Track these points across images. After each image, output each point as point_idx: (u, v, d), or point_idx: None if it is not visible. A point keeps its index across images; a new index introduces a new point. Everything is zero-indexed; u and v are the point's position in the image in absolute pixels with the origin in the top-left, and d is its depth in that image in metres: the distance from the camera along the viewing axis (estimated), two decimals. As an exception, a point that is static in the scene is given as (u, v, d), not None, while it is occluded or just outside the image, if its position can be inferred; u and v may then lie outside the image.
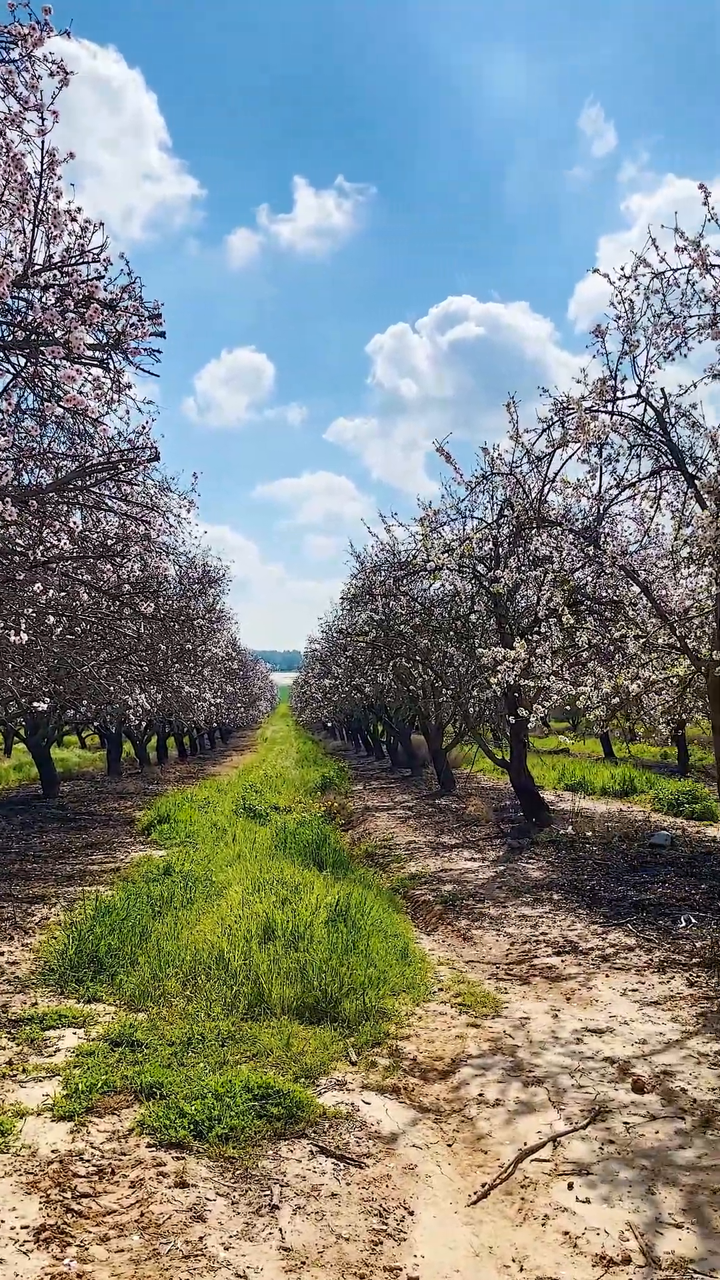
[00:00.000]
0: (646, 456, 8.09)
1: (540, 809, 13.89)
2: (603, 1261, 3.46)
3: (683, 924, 7.89)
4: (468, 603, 13.63)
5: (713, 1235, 3.58)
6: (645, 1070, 5.07)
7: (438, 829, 14.14)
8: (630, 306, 7.49)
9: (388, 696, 21.09)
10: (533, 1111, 4.67)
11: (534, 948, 7.52)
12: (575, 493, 8.23)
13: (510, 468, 8.98)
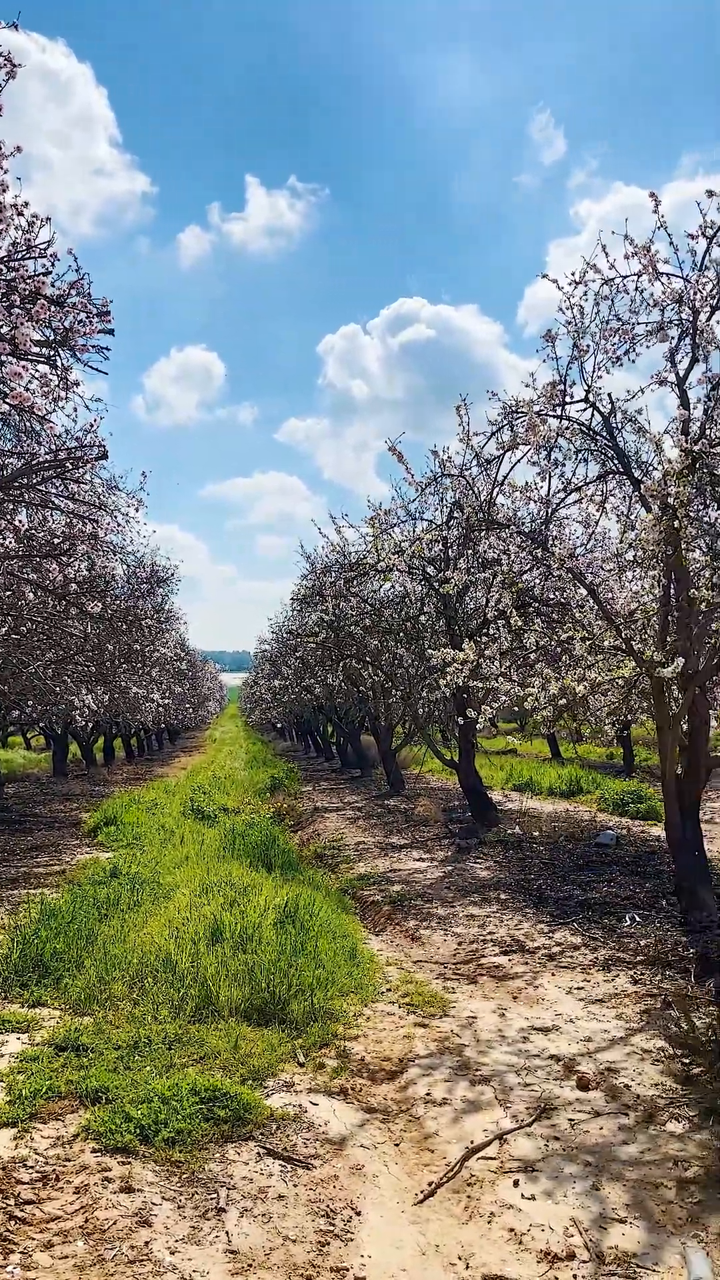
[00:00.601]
0: (594, 461, 8.18)
1: (488, 809, 13.99)
2: (548, 1257, 3.50)
3: (627, 923, 7.99)
4: (417, 604, 13.69)
5: (656, 1229, 3.63)
6: (590, 1067, 5.13)
7: (387, 829, 14.17)
8: (579, 312, 7.58)
9: (338, 697, 21.09)
10: (479, 1110, 4.70)
11: (482, 947, 7.57)
12: (524, 496, 8.30)
13: (460, 470, 9.04)
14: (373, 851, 12.32)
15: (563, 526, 10.67)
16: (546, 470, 7.94)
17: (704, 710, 8.23)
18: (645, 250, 6.95)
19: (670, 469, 7.19)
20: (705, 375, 7.10)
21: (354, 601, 14.62)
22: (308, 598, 16.64)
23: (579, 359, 7.69)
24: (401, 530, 11.30)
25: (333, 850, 12.62)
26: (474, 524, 9.00)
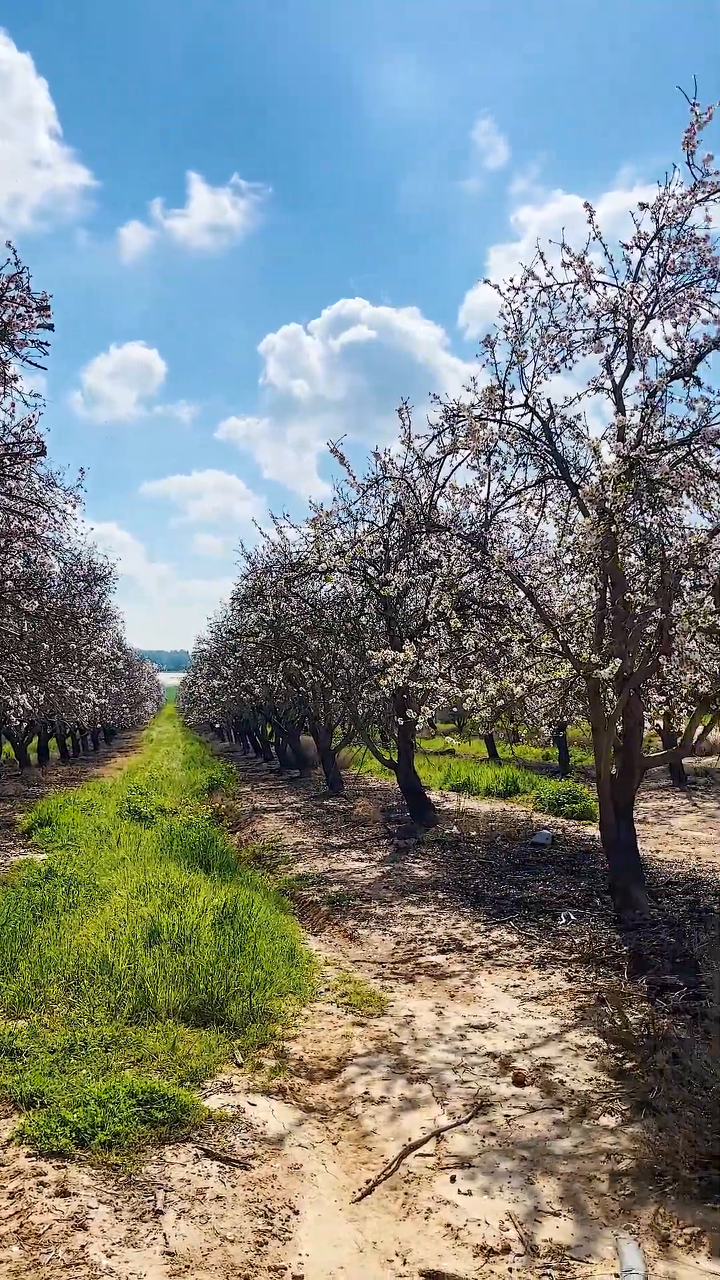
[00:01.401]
0: (533, 465, 8.29)
1: (426, 809, 14.08)
2: (483, 1252, 3.55)
3: (562, 921, 8.11)
4: (358, 605, 13.72)
5: (588, 1222, 3.70)
6: (526, 1064, 5.20)
7: (326, 830, 14.18)
8: (518, 318, 7.66)
9: (277, 698, 21.05)
10: (417, 1108, 4.74)
11: (419, 946, 7.63)
12: (464, 499, 8.37)
13: (401, 472, 9.09)
14: (311, 852, 12.33)
15: (502, 530, 10.80)
16: (486, 474, 8.02)
17: (638, 712, 8.39)
18: (580, 260, 7.06)
19: (607, 474, 7.31)
20: (641, 383, 7.22)
21: (295, 602, 14.61)
22: (248, 597, 16.58)
23: (518, 364, 7.78)
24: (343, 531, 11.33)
25: (271, 851, 12.60)
26: (415, 526, 9.06)
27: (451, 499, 9.09)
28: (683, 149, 6.54)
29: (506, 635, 9.10)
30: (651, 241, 7.05)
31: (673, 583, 7.25)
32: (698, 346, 6.91)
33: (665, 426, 7.44)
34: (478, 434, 7.66)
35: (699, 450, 7.15)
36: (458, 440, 7.95)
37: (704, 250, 6.94)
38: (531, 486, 8.36)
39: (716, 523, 7.39)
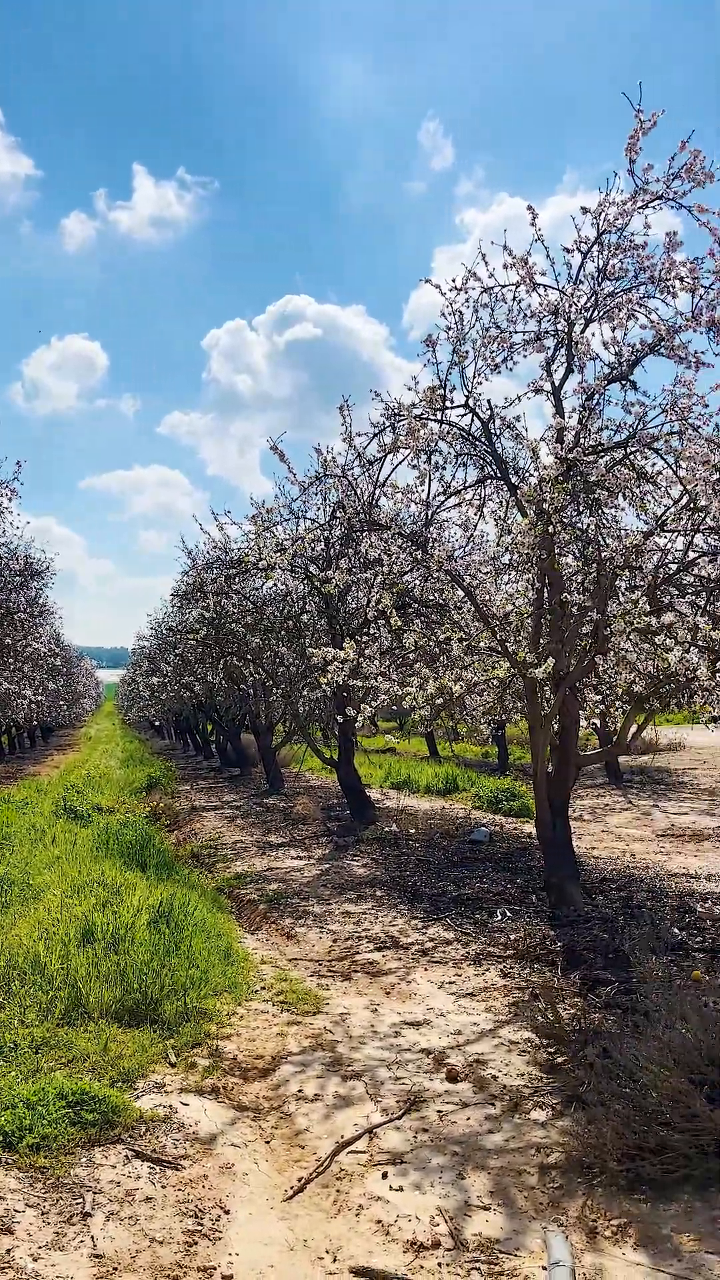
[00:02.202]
0: (473, 465, 8.34)
1: (366, 807, 14.11)
2: (413, 1247, 3.56)
3: (498, 917, 8.18)
4: (300, 602, 13.69)
5: (517, 1215, 3.74)
6: (459, 1060, 5.23)
7: (265, 828, 14.13)
8: (460, 318, 7.69)
9: (218, 695, 20.92)
10: (351, 1105, 4.75)
11: (356, 944, 7.64)
12: (404, 498, 8.39)
13: (342, 470, 9.09)
14: (250, 850, 12.28)
15: (443, 529, 10.85)
16: (426, 473, 8.04)
17: (574, 710, 8.49)
18: (523, 262, 7.12)
19: (545, 475, 7.39)
20: (580, 385, 7.31)
21: (236, 599, 14.53)
22: (188, 594, 16.45)
23: (459, 365, 7.82)
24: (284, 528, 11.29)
25: (209, 849, 12.52)
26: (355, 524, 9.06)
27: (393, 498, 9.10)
28: (625, 155, 6.64)
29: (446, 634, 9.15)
30: (592, 246, 7.14)
31: (608, 583, 7.34)
32: (634, 351, 7.02)
33: (603, 429, 7.54)
34: (418, 433, 7.68)
35: (635, 453, 7.26)
36: (398, 439, 7.97)
37: (642, 257, 7.04)
38: (471, 486, 8.41)
39: (651, 525, 7.51)
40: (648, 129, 6.31)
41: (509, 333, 7.64)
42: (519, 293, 7.42)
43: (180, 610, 18.23)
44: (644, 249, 7.01)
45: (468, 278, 7.55)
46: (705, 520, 7.33)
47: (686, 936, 7.33)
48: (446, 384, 7.85)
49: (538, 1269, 3.40)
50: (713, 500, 6.92)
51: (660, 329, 6.83)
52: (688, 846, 11.48)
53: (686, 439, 7.01)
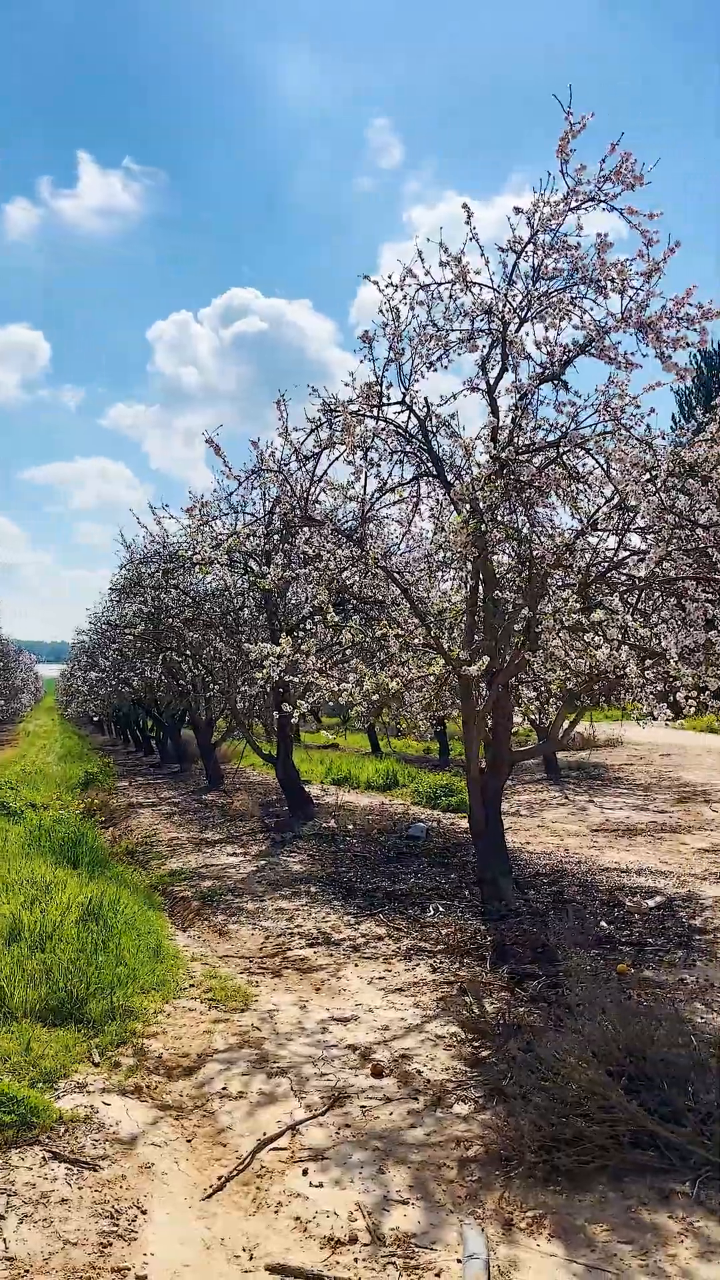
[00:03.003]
0: (409, 463, 8.35)
1: (305, 803, 14.09)
2: (330, 1243, 3.56)
3: (431, 913, 8.22)
4: (238, 598, 13.62)
5: (435, 1209, 3.76)
6: (385, 1055, 5.25)
7: (202, 824, 14.05)
8: (397, 315, 7.70)
9: (157, 691, 20.74)
10: (275, 1102, 4.74)
11: (288, 940, 7.62)
12: (340, 494, 8.38)
13: (279, 465, 9.04)
14: (186, 847, 12.20)
15: (383, 526, 10.86)
16: (362, 469, 8.04)
17: (507, 707, 8.56)
18: (457, 261, 7.14)
19: (479, 474, 7.43)
20: (514, 385, 7.36)
21: (174, 593, 14.40)
22: (126, 588, 16.27)
23: (396, 361, 7.82)
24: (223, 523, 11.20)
25: (145, 846, 12.41)
26: (291, 520, 9.03)
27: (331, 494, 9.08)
28: (556, 157, 6.68)
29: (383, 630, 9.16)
30: (526, 246, 7.17)
31: (540, 581, 7.41)
32: (566, 351, 7.07)
33: (537, 429, 7.60)
34: (354, 430, 7.68)
35: (567, 453, 7.33)
36: (334, 435, 7.95)
37: (576, 257, 7.10)
38: (407, 484, 8.43)
39: (583, 524, 7.59)
40: (577, 131, 6.36)
41: (445, 331, 7.66)
42: (455, 291, 7.44)
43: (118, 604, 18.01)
44: (578, 249, 7.07)
45: (405, 275, 7.55)
46: (635, 520, 7.43)
47: (614, 930, 7.44)
48: (383, 381, 7.85)
49: (453, 1262, 3.42)
50: (642, 500, 7.02)
51: (591, 330, 6.90)
52: (620, 841, 11.64)
53: (618, 439, 7.10)
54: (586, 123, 6.33)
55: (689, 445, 7.09)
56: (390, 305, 7.70)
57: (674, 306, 6.49)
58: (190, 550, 9.40)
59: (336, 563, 8.80)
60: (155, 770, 24.42)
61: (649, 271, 6.51)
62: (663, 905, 8.19)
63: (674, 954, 6.82)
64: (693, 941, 7.12)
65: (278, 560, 9.39)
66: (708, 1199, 3.67)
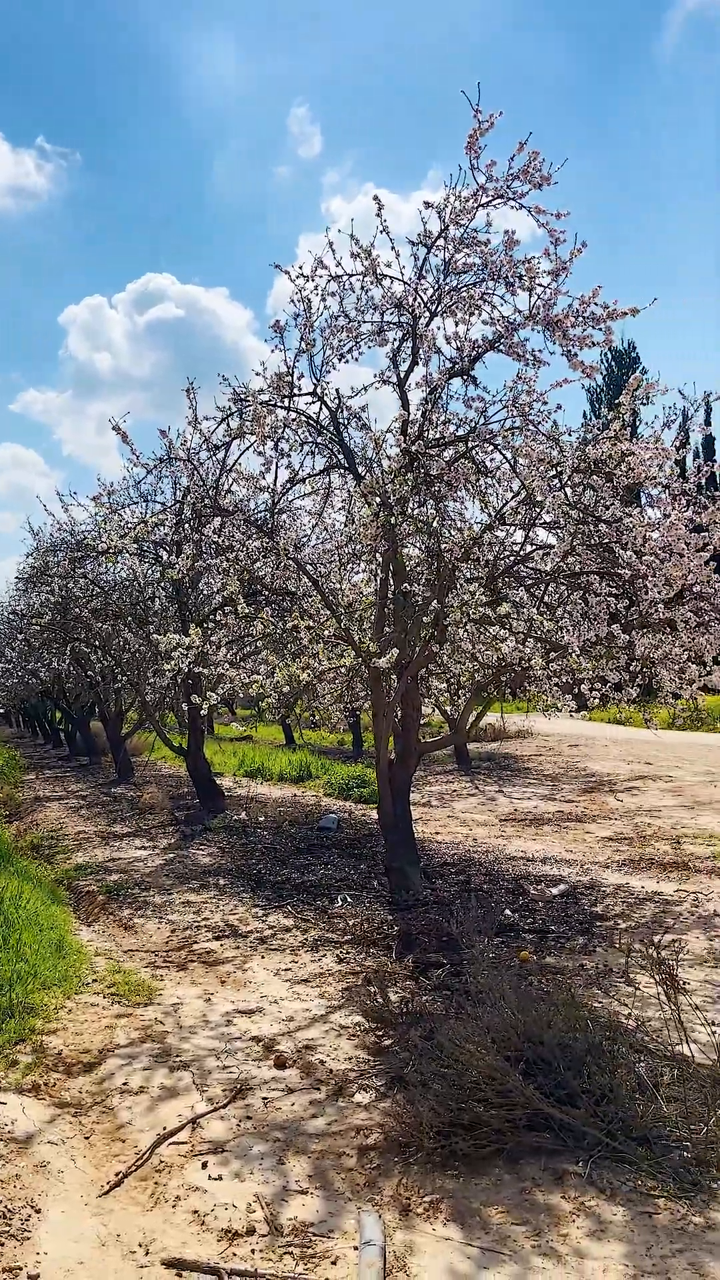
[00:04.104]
0: (320, 454, 8.34)
1: (216, 796, 14.00)
2: (228, 1235, 3.55)
3: (339, 903, 8.25)
4: (148, 588, 13.44)
5: (334, 1197, 3.77)
6: (289, 1046, 5.25)
7: (111, 818, 13.85)
8: (308, 305, 7.67)
9: (66, 682, 20.35)
10: (176, 1096, 4.70)
11: (195, 933, 7.57)
12: (249, 484, 8.33)
13: (188, 453, 8.94)
14: (94, 841, 12.01)
15: (296, 517, 10.83)
16: (273, 460, 8.00)
17: (416, 699, 8.63)
18: (367, 253, 7.14)
19: (390, 467, 7.46)
20: (424, 378, 7.40)
21: (82, 583, 14.15)
22: (33, 577, 15.92)
23: (307, 352, 7.80)
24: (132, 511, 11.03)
25: (51, 841, 12.19)
26: (201, 510, 8.94)
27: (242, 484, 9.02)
28: (466, 153, 6.72)
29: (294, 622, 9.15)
30: (436, 240, 7.20)
31: (448, 574, 7.47)
32: (475, 346, 7.14)
33: (447, 423, 7.65)
34: (264, 420, 7.63)
35: (475, 448, 7.41)
36: (245, 425, 7.89)
37: (486, 253, 7.16)
38: (317, 475, 8.42)
39: (491, 518, 7.68)
40: (485, 128, 6.41)
41: (357, 323, 7.67)
42: (365, 283, 7.44)
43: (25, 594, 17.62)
44: (488, 245, 7.14)
45: (316, 266, 7.53)
46: (541, 515, 7.55)
47: (518, 918, 7.57)
48: (295, 371, 7.82)
49: (350, 1249, 3.44)
50: (548, 496, 7.13)
51: (500, 326, 6.97)
52: (527, 831, 11.84)
53: (525, 436, 7.20)
54: (495, 121, 6.38)
55: (594, 442, 7.23)
56: (302, 295, 7.67)
57: (580, 305, 6.60)
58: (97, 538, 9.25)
59: (248, 553, 8.76)
60: (64, 763, 23.99)
61: (556, 270, 6.60)
62: (566, 893, 8.35)
63: (575, 940, 6.97)
64: (593, 928, 7.29)
65: (188, 550, 9.30)
66: (599, 1178, 3.76)
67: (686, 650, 7.64)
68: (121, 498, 10.69)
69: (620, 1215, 3.54)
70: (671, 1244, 3.36)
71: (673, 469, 7.46)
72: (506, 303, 6.95)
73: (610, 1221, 3.51)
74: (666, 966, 4.69)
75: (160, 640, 8.05)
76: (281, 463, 8.15)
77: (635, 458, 7.12)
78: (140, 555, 11.91)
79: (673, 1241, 3.37)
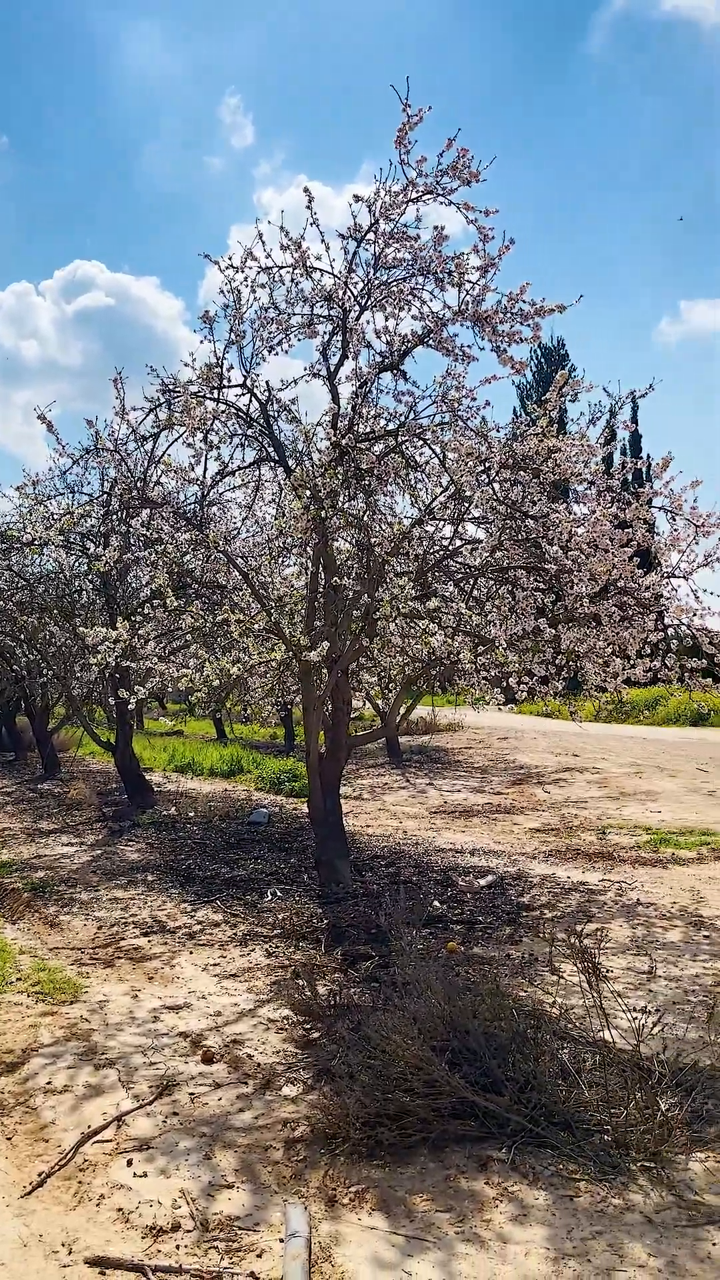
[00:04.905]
0: (250, 446, 8.30)
1: (145, 791, 13.87)
2: (153, 1232, 3.53)
3: (268, 898, 8.24)
4: (75, 580, 13.24)
5: (261, 1190, 3.77)
6: (217, 1041, 5.23)
7: (37, 814, 13.63)
8: (238, 296, 7.63)
9: (-9, 676, 19.94)
10: (102, 1094, 4.65)
11: (123, 930, 7.49)
12: (178, 476, 8.26)
13: (116, 444, 8.82)
14: (19, 838, 11.81)
15: (226, 509, 10.76)
16: (202, 452, 7.94)
17: (346, 692, 8.64)
18: (297, 245, 7.12)
19: (320, 460, 7.45)
20: (354, 372, 7.41)
21: (6, 575, 13.87)
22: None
23: (237, 343, 7.75)
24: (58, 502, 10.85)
25: (-25, 837, 11.95)
26: (129, 501, 8.84)
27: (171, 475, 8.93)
28: (395, 147, 6.73)
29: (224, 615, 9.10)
30: (366, 234, 7.20)
31: (378, 568, 7.50)
32: (405, 341, 7.16)
33: (377, 417, 7.67)
34: (193, 411, 7.57)
35: (405, 443, 7.44)
36: (173, 416, 7.81)
37: (416, 248, 7.19)
38: (247, 467, 8.38)
39: (421, 513, 7.72)
40: (414, 123, 6.43)
41: (287, 315, 7.64)
42: (295, 275, 7.42)
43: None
44: (417, 240, 7.16)
45: (246, 257, 7.48)
46: (470, 510, 7.61)
47: (447, 909, 7.64)
48: (224, 362, 7.77)
49: (275, 1242, 3.45)
50: (476, 491, 7.20)
51: (430, 321, 7.00)
52: (457, 823, 11.95)
53: (455, 431, 7.25)
54: (424, 115, 6.40)
55: (522, 438, 7.32)
56: (232, 287, 7.63)
57: (509, 302, 6.66)
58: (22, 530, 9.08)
59: (177, 546, 8.67)
60: (-11, 759, 23.51)
61: (485, 266, 6.65)
62: (494, 884, 8.46)
63: (502, 930, 7.06)
64: (520, 918, 7.39)
65: (115, 542, 9.19)
66: (522, 1164, 3.82)
67: (611, 644, 7.77)
68: (47, 488, 10.51)
69: (542, 1199, 3.60)
70: (591, 1226, 3.43)
71: (598, 465, 7.58)
72: (436, 298, 6.99)
73: (532, 1206, 3.57)
74: (589, 955, 4.78)
75: (87, 634, 7.94)
76: (211, 455, 8.11)
77: (562, 454, 7.23)
78: (67, 547, 11.73)
79: (593, 1223, 3.44)
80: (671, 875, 8.81)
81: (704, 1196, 3.58)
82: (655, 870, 9.02)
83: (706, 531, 7.30)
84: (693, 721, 25.03)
